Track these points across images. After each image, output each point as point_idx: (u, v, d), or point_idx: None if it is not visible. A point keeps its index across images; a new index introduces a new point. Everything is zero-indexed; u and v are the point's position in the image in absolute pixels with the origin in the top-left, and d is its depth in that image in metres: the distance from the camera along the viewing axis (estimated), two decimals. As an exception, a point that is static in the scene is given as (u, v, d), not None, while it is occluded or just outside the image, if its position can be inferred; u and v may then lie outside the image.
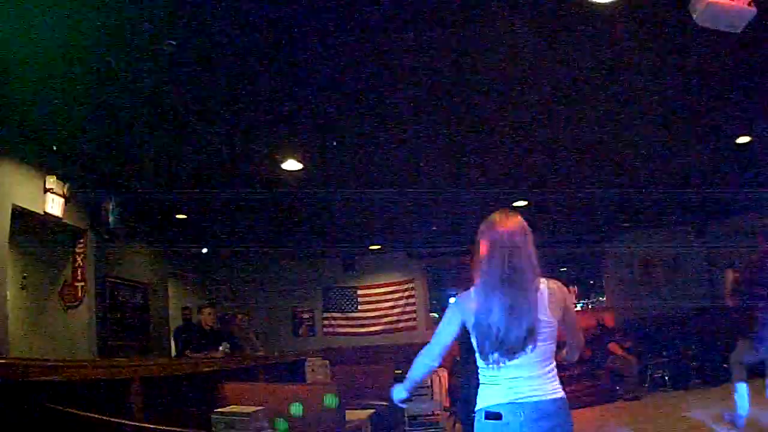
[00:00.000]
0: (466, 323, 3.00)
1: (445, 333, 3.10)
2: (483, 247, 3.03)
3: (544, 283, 2.96)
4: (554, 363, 2.96)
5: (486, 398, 2.95)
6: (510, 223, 3.00)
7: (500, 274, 2.89)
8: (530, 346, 2.82)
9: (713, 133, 8.43)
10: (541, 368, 2.89)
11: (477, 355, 2.99)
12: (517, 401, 2.83)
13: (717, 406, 7.57)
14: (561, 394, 2.92)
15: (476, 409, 3.00)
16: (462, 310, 3.03)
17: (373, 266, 16.10)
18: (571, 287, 16.41)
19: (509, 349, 2.83)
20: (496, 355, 2.87)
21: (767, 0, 4.56)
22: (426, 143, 8.05)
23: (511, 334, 2.82)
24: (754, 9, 4.38)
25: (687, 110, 7.55)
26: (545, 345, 2.88)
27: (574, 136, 8.15)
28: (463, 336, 5.05)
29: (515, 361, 2.85)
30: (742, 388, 6.84)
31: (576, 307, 16.24)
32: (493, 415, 2.87)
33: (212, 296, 13.36)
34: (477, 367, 3.18)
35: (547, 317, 2.88)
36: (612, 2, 4.94)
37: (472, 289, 3.04)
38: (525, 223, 3.04)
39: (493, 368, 2.91)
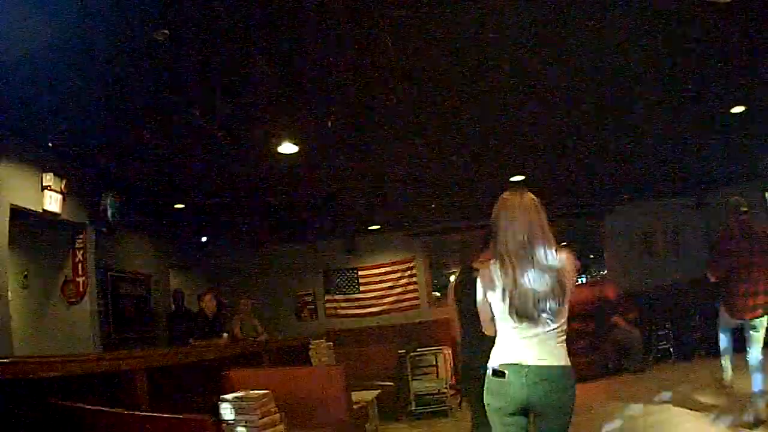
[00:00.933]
0: (489, 293, 3.38)
1: (485, 308, 3.47)
2: (501, 222, 3.39)
3: (558, 252, 3.34)
4: (565, 330, 3.32)
5: (496, 357, 3.34)
6: (523, 199, 3.41)
7: (520, 244, 3.29)
8: (554, 307, 3.21)
9: (707, 103, 8.41)
10: (553, 334, 3.25)
11: (498, 319, 3.36)
12: (521, 363, 3.21)
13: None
14: (564, 362, 3.25)
15: (487, 365, 3.38)
16: (485, 282, 3.41)
17: (373, 247, 16.08)
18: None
19: (536, 310, 3.20)
20: (524, 317, 3.23)
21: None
22: (423, 120, 8.04)
23: (538, 296, 3.20)
24: None
25: (682, 81, 7.54)
26: (561, 309, 3.26)
27: (571, 110, 8.19)
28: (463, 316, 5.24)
29: (531, 325, 3.23)
30: (725, 361, 7.19)
31: (577, 281, 16.27)
32: (498, 373, 3.28)
33: (213, 284, 13.40)
34: (478, 345, 3.87)
35: (563, 283, 3.26)
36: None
37: (491, 261, 3.41)
38: (536, 199, 3.44)
39: (513, 330, 3.29)
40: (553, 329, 3.24)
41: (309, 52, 5.93)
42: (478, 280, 3.47)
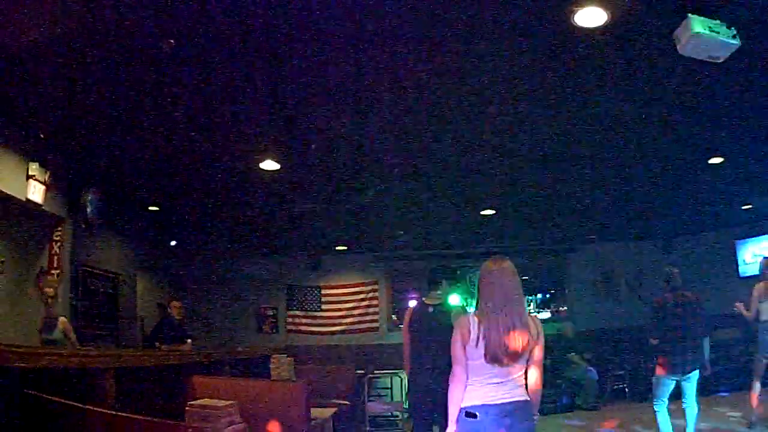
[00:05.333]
0: (464, 340, 3.85)
1: (459, 352, 3.89)
2: (485, 285, 3.98)
3: (528, 314, 3.96)
4: (523, 373, 3.91)
5: (468, 400, 3.83)
6: (504, 266, 4.01)
7: (498, 304, 3.85)
8: (518, 357, 3.81)
9: (688, 152, 8.70)
10: (513, 377, 3.84)
11: (471, 365, 3.85)
12: (489, 403, 3.76)
13: (673, 420, 7.90)
14: (523, 397, 3.86)
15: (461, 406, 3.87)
16: (462, 331, 3.88)
17: (338, 266, 16.15)
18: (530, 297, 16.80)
19: (505, 357, 3.76)
20: (495, 362, 3.77)
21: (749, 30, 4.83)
22: (399, 151, 8.22)
23: (510, 348, 3.76)
24: (738, 42, 4.68)
25: (663, 129, 7.82)
26: (523, 360, 3.87)
27: (545, 149, 8.38)
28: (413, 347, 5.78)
29: (498, 370, 3.79)
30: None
31: (538, 315, 16.44)
32: (470, 414, 3.77)
33: (178, 289, 13.37)
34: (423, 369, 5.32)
35: (528, 339, 3.85)
36: (598, 27, 5.15)
37: (471, 313, 3.99)
38: (514, 267, 4.05)
39: (482, 376, 3.82)
40: (516, 374, 3.84)
41: (305, 78, 6.08)
42: (456, 328, 3.95)
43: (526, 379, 3.95)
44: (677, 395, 7.40)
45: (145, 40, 5.27)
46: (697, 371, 7.26)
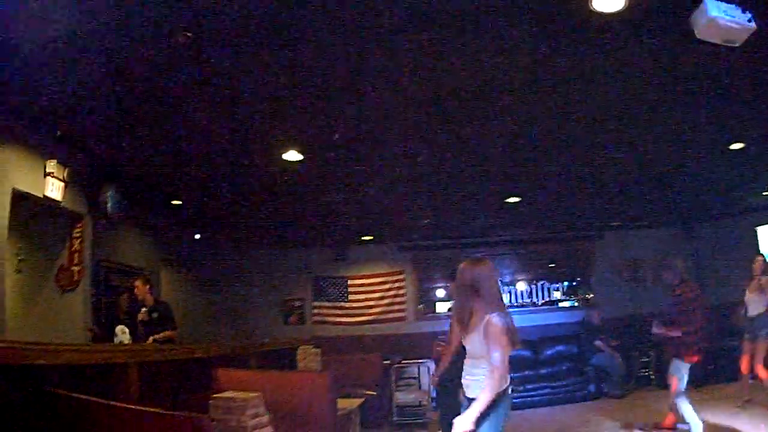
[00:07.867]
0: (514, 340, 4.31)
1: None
2: (494, 282, 4.49)
3: (488, 315, 4.33)
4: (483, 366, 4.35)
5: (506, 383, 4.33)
6: (492, 266, 4.58)
7: (460, 309, 4.48)
8: (476, 355, 4.45)
9: (708, 138, 8.62)
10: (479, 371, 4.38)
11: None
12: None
13: (699, 406, 7.86)
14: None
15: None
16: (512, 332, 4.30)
17: (364, 257, 16.10)
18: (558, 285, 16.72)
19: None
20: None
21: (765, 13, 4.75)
22: (423, 138, 8.14)
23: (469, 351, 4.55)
24: (754, 25, 4.63)
25: (683, 115, 7.73)
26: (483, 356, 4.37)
27: (567, 135, 8.29)
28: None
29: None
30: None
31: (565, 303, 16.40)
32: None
33: (203, 283, 13.33)
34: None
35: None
36: (616, 12, 5.07)
37: (500, 313, 4.32)
38: (488, 267, 4.53)
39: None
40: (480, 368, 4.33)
41: (324, 67, 6.01)
42: (505, 327, 4.25)
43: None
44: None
45: (164, 33, 5.19)
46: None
